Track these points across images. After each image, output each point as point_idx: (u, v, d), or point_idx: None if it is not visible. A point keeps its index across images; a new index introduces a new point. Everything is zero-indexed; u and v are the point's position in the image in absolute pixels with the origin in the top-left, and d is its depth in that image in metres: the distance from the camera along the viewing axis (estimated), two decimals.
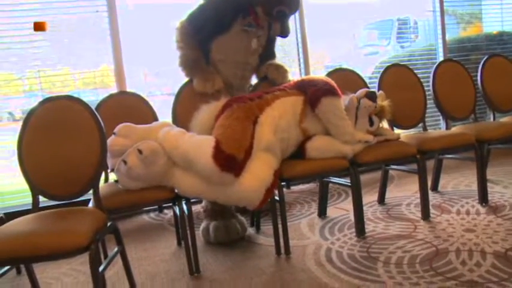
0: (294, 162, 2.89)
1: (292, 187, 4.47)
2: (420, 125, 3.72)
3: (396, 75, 3.69)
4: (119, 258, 2.41)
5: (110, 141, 2.59)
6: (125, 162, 2.48)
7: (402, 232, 3.00)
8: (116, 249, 2.34)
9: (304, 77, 3.47)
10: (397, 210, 3.49)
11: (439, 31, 5.35)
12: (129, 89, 4.02)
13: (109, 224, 2.24)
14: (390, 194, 3.91)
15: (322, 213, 3.54)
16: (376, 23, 6.25)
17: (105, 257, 2.81)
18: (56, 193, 2.38)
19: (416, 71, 3.85)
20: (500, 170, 4.33)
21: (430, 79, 3.81)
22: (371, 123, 3.06)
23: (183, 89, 3.17)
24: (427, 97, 3.76)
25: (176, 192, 2.66)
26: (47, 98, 2.50)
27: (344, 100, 3.01)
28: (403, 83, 3.68)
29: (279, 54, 3.49)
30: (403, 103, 3.48)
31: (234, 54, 3.08)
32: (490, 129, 3.49)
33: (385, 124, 3.28)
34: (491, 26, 6.00)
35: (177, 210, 2.67)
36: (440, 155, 3.80)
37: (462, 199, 3.57)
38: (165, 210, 4.05)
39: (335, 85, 2.98)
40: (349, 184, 3.00)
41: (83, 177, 2.37)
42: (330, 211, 3.60)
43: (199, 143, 2.58)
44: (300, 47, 4.65)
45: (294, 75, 3.42)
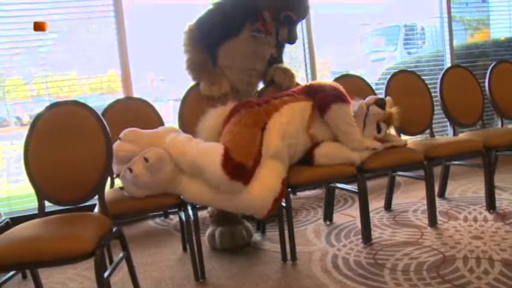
0: (302, 169, 2.88)
1: (298, 193, 4.45)
2: (427, 131, 3.70)
3: (403, 82, 3.68)
4: (124, 263, 2.41)
5: (116, 146, 2.57)
6: (130, 170, 2.46)
7: (409, 239, 2.98)
8: (121, 254, 2.33)
9: (312, 81, 3.45)
10: (403, 216, 3.47)
11: (447, 37, 5.33)
12: (137, 94, 4.02)
13: (114, 230, 2.24)
14: (397, 200, 3.89)
15: (327, 218, 3.53)
16: (383, 29, 6.24)
17: (110, 262, 2.82)
18: (62, 198, 2.39)
19: (423, 77, 3.84)
20: (508, 177, 4.29)
21: (438, 85, 3.80)
22: (379, 130, 3.05)
23: (190, 92, 3.16)
24: (435, 103, 3.75)
25: (182, 198, 2.65)
26: (54, 103, 2.51)
27: (353, 106, 2.99)
28: (410, 89, 3.67)
29: (286, 60, 3.48)
30: (410, 109, 3.46)
31: (241, 60, 3.08)
32: (497, 136, 3.46)
33: (392, 130, 3.26)
34: (499, 32, 5.97)
35: (183, 216, 2.66)
36: (448, 161, 3.78)
37: (470, 206, 3.54)
38: (171, 216, 4.05)
39: (344, 91, 2.96)
40: (356, 190, 2.99)
41: (88, 183, 2.37)
42: (337, 217, 3.58)
43: (207, 150, 2.55)
44: (307, 52, 4.65)
45: (301, 81, 3.39)
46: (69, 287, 2.74)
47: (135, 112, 3.16)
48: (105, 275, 2.02)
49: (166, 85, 5.23)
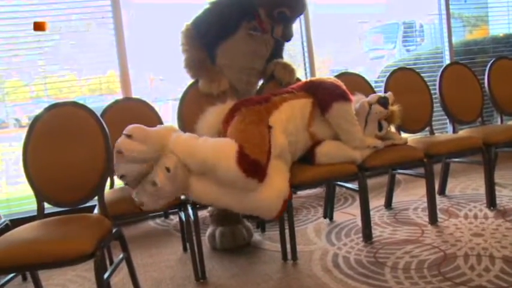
0: (303, 168, 2.85)
1: (298, 192, 4.45)
2: (427, 128, 3.69)
3: (402, 79, 3.67)
4: (124, 264, 2.40)
5: (125, 145, 2.34)
6: (154, 183, 2.33)
7: (410, 237, 2.98)
8: (121, 256, 2.32)
9: (313, 78, 3.40)
10: (404, 214, 3.46)
11: (445, 34, 5.33)
12: (137, 95, 4.02)
13: (114, 231, 2.23)
14: (397, 198, 3.89)
15: (327, 215, 3.54)
16: (381, 27, 6.24)
17: (110, 263, 2.81)
18: (61, 199, 2.38)
19: (422, 75, 3.84)
20: (508, 174, 4.29)
21: (437, 82, 3.79)
22: (380, 128, 3.03)
23: (189, 90, 3.13)
24: (434, 101, 3.74)
25: (182, 198, 2.64)
26: (52, 104, 2.50)
27: (355, 103, 2.97)
28: (410, 86, 3.66)
29: (285, 59, 3.46)
30: (410, 107, 3.44)
31: (239, 59, 3.07)
32: (497, 133, 3.46)
33: (392, 128, 3.25)
34: (497, 28, 5.96)
35: (183, 216, 2.66)
36: (448, 158, 3.77)
37: (470, 203, 3.54)
38: (171, 216, 4.04)
39: (345, 89, 2.93)
40: (356, 188, 2.98)
41: (88, 184, 2.36)
42: (337, 216, 3.58)
43: (219, 148, 2.45)
44: (306, 51, 4.64)
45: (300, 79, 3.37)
46: None
47: (134, 113, 3.15)
48: (105, 276, 2.01)
49: (166, 85, 5.23)
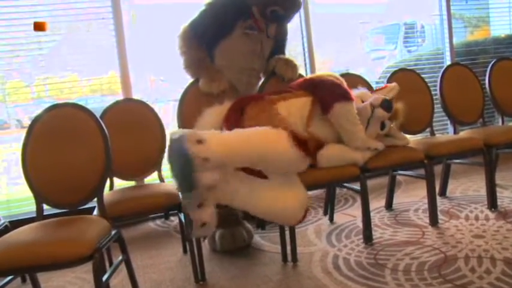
0: (306, 171, 2.75)
1: None
2: (428, 129, 3.68)
3: (403, 80, 3.63)
4: (124, 265, 2.39)
5: (203, 150, 2.21)
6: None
7: (410, 238, 2.97)
8: (120, 257, 2.32)
9: (312, 75, 3.32)
10: (404, 216, 3.45)
11: (446, 35, 5.31)
12: (137, 95, 4.01)
13: (113, 232, 2.22)
14: (398, 199, 3.88)
15: (327, 213, 3.55)
16: (382, 28, 6.23)
17: (110, 264, 2.80)
18: (60, 201, 2.38)
19: (423, 75, 3.83)
20: (509, 175, 4.27)
21: (438, 83, 3.78)
22: (382, 127, 3.00)
23: (189, 89, 3.10)
24: (435, 101, 3.73)
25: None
26: (52, 105, 2.50)
27: (357, 99, 2.92)
28: (410, 87, 3.65)
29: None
30: (410, 108, 3.41)
31: (238, 60, 3.06)
32: (498, 134, 3.45)
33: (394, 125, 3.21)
34: (499, 29, 5.95)
35: (183, 217, 2.65)
36: (448, 159, 3.76)
37: (471, 204, 3.53)
38: (171, 218, 4.03)
39: (346, 87, 2.89)
40: (357, 188, 2.96)
41: (87, 185, 2.36)
42: (337, 217, 3.57)
43: (267, 136, 2.41)
44: (306, 51, 4.63)
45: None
46: None
47: (134, 114, 3.15)
48: (104, 278, 2.00)
49: (167, 86, 5.23)
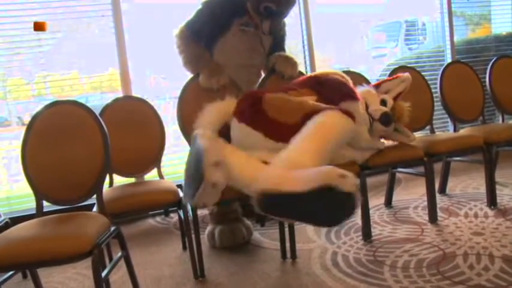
0: None
1: None
2: (428, 127, 3.68)
3: None
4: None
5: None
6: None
7: (409, 235, 2.97)
8: (120, 254, 2.32)
9: (317, 73, 3.20)
10: (404, 213, 3.46)
11: (447, 33, 5.31)
12: (138, 93, 4.02)
13: (113, 229, 2.23)
14: (397, 197, 3.88)
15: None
16: (384, 25, 6.22)
17: (110, 261, 2.81)
18: (60, 198, 2.39)
19: (424, 73, 3.82)
20: (509, 173, 4.28)
21: (438, 81, 3.78)
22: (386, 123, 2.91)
23: (189, 85, 3.08)
24: (435, 99, 3.73)
25: (181, 196, 2.64)
26: (51, 102, 2.51)
27: (362, 100, 2.86)
28: (411, 85, 3.61)
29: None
30: (411, 106, 3.42)
31: (236, 57, 3.06)
32: (498, 131, 3.45)
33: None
34: (500, 27, 5.95)
35: (182, 214, 2.66)
36: (448, 157, 3.76)
37: (470, 202, 3.53)
38: (171, 214, 4.04)
39: (352, 86, 2.85)
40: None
41: (86, 182, 2.36)
42: None
43: (326, 124, 2.37)
44: (306, 49, 4.63)
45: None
46: (69, 286, 2.74)
47: (134, 111, 3.16)
48: (104, 274, 2.01)
49: (167, 83, 5.22)
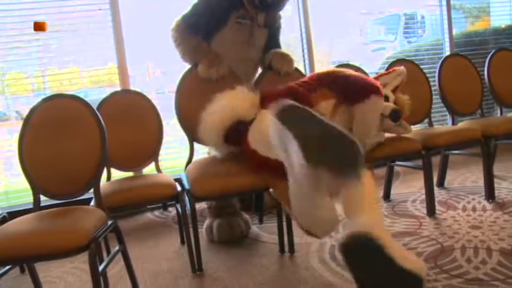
0: None
1: None
2: (426, 120, 3.68)
3: None
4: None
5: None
6: None
7: (407, 229, 2.97)
8: (117, 248, 2.32)
9: (336, 70, 2.91)
10: (402, 206, 3.46)
11: (446, 26, 5.29)
12: (138, 87, 4.01)
13: (110, 223, 2.23)
14: (395, 190, 3.88)
15: None
16: (383, 18, 6.20)
17: (108, 255, 2.81)
18: (57, 192, 2.38)
19: (423, 66, 3.82)
20: (507, 166, 4.27)
21: (436, 74, 3.77)
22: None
23: (186, 75, 3.06)
24: (433, 92, 3.72)
25: (178, 190, 2.64)
26: (48, 96, 2.50)
27: None
28: (409, 78, 3.58)
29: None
30: (409, 98, 3.43)
31: (233, 50, 3.05)
32: (496, 125, 3.45)
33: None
34: (499, 20, 5.93)
35: (180, 208, 2.65)
36: (446, 150, 3.76)
37: (468, 195, 3.53)
38: (170, 208, 4.04)
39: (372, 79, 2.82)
40: None
41: (83, 176, 2.35)
42: None
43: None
44: (305, 42, 4.62)
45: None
46: (67, 280, 2.74)
47: (132, 105, 3.14)
48: (101, 268, 2.01)
49: (167, 77, 5.21)
